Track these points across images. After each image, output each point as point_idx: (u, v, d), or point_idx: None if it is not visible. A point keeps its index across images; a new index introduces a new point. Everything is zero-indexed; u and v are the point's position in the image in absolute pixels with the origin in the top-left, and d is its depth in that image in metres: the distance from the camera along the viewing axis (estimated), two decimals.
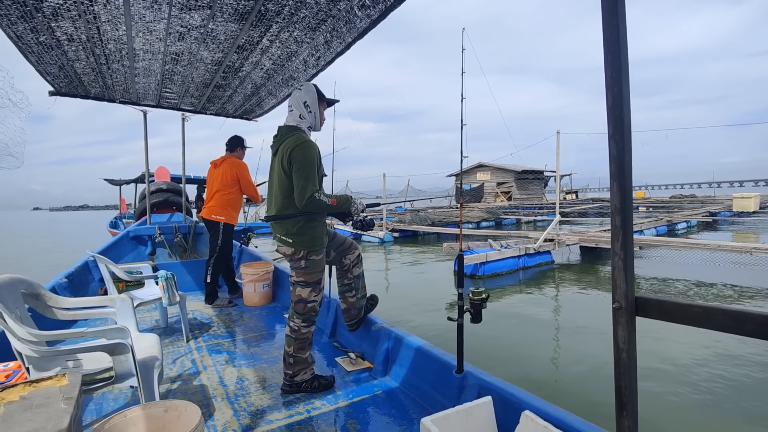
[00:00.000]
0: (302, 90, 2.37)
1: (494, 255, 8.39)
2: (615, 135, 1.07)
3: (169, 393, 2.27)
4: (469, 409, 1.51)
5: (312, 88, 2.39)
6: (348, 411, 2.10)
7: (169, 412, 1.35)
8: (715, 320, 0.96)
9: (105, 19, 2.37)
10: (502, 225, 19.49)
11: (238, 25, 2.46)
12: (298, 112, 2.34)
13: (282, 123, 2.40)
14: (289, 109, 2.37)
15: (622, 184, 1.07)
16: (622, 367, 1.11)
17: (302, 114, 2.34)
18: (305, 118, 2.35)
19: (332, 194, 2.26)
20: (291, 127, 2.32)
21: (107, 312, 2.04)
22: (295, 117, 2.34)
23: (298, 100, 2.34)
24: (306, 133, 2.34)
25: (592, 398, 3.40)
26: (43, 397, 1.23)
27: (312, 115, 2.38)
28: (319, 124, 2.45)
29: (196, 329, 3.37)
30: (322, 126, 2.47)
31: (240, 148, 4.41)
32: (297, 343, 2.29)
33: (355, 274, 2.70)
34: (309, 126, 2.37)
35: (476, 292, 1.88)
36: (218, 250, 4.13)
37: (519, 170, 34.82)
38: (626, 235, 1.08)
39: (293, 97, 2.36)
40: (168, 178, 9.44)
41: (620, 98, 1.07)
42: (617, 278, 1.10)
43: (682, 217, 16.08)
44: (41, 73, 3.21)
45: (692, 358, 4.11)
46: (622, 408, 1.12)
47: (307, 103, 2.35)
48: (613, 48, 1.07)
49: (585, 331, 5.13)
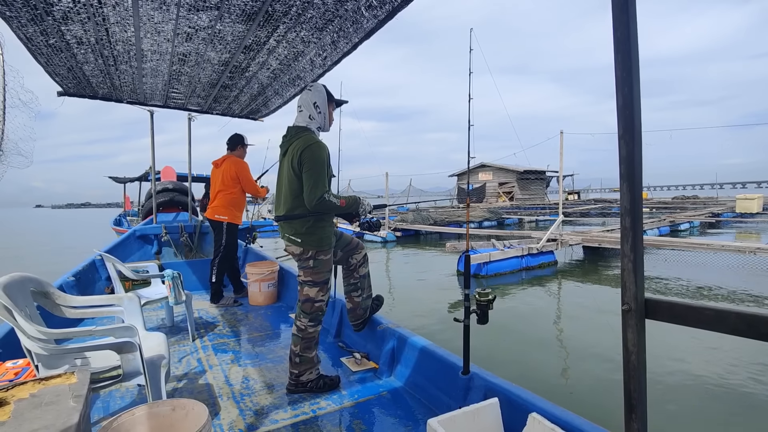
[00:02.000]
0: (312, 91, 2.38)
1: (497, 255, 8.38)
2: (625, 135, 1.07)
3: (175, 392, 2.28)
4: (475, 410, 1.51)
5: (321, 89, 2.40)
6: (353, 411, 2.10)
7: (177, 411, 1.36)
8: (729, 324, 0.95)
9: (114, 20, 2.38)
10: (505, 225, 19.47)
11: (246, 25, 2.46)
12: (307, 113, 2.34)
13: (291, 123, 2.41)
14: (298, 109, 2.38)
15: (632, 185, 1.07)
16: (632, 370, 1.10)
17: (312, 115, 2.35)
18: (315, 119, 2.36)
19: (341, 195, 2.27)
20: (300, 128, 2.33)
21: (115, 310, 2.05)
22: (304, 117, 2.34)
23: (308, 101, 2.35)
24: (315, 133, 2.35)
25: (599, 400, 3.39)
26: (52, 394, 1.24)
27: (321, 115, 2.39)
28: (328, 125, 2.46)
29: (201, 328, 3.39)
30: (330, 126, 2.48)
31: (241, 147, 4.36)
32: (304, 342, 2.30)
33: (361, 273, 2.70)
34: (318, 127, 2.38)
35: (483, 293, 1.88)
36: (222, 250, 4.13)
37: (521, 170, 34.74)
38: (636, 236, 1.08)
39: (303, 98, 2.37)
40: (174, 178, 9.47)
41: (631, 98, 1.06)
42: (627, 280, 1.10)
43: (685, 217, 16.02)
44: (50, 75, 3.23)
45: (704, 360, 4.10)
46: (631, 411, 1.12)
47: (317, 103, 2.36)
48: (624, 47, 1.06)
49: (590, 331, 5.12)
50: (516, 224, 19.88)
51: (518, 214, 22.18)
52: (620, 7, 1.03)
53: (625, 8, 1.03)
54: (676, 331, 4.48)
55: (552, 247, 9.45)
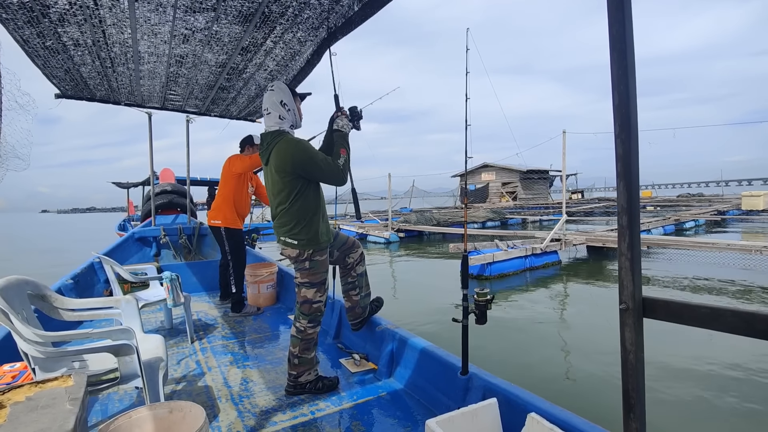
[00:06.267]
0: (275, 90, 2.30)
1: (501, 255, 8.36)
2: (621, 134, 1.06)
3: (174, 394, 2.28)
4: (474, 411, 1.50)
5: (284, 87, 2.34)
6: (352, 413, 2.09)
7: (174, 413, 1.35)
8: (724, 321, 0.94)
9: (110, 22, 2.38)
10: (508, 225, 19.42)
11: (242, 27, 2.46)
12: (276, 114, 2.28)
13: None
14: (265, 112, 2.30)
15: (628, 183, 1.06)
16: (630, 369, 1.09)
17: (281, 114, 2.28)
18: (285, 118, 2.30)
19: (335, 150, 2.23)
20: (275, 132, 2.27)
21: (112, 313, 2.05)
22: (274, 119, 2.28)
23: (274, 101, 2.28)
24: (290, 132, 2.32)
25: (605, 399, 3.37)
26: (48, 398, 1.24)
27: (291, 113, 2.33)
28: (299, 121, 2.41)
29: (200, 330, 3.38)
30: (302, 121, 2.44)
31: (249, 147, 4.07)
32: (302, 343, 2.29)
33: (359, 272, 2.70)
34: (291, 125, 2.34)
35: (481, 293, 1.87)
36: (231, 259, 3.88)
37: (524, 170, 34.66)
38: (633, 235, 1.06)
39: (267, 100, 2.29)
40: (173, 180, 9.49)
41: (627, 97, 1.05)
42: (624, 279, 1.08)
43: (690, 216, 15.92)
44: (47, 77, 3.24)
45: (703, 359, 4.07)
46: (629, 410, 1.11)
47: (284, 102, 2.29)
48: (620, 45, 1.05)
49: (594, 331, 5.09)
50: (519, 224, 19.83)
51: (521, 214, 22.12)
52: (615, 5, 1.02)
53: (621, 6, 1.02)
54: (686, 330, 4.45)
55: (556, 247, 9.42)
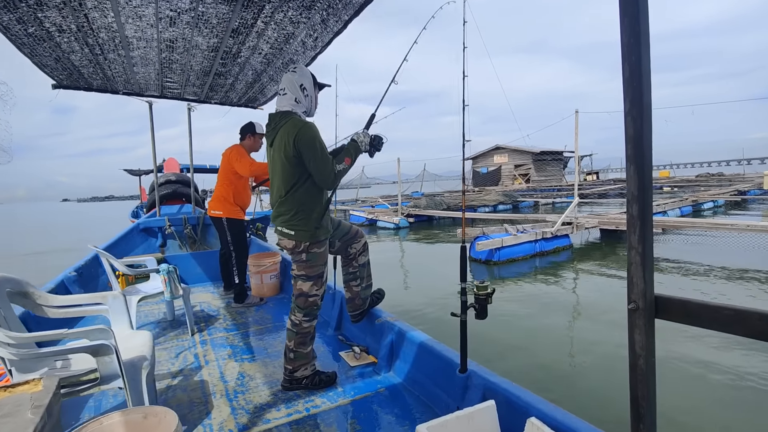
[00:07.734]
0: (297, 73, 2.22)
1: (510, 240, 8.19)
2: (632, 111, 0.91)
3: (168, 389, 2.23)
4: (470, 414, 1.40)
5: (307, 71, 2.26)
6: (349, 409, 2.01)
7: (149, 419, 1.28)
8: (750, 325, 0.81)
9: (91, 5, 2.27)
10: (520, 208, 19.12)
11: (229, 6, 2.33)
12: (292, 96, 2.19)
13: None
14: (281, 92, 2.22)
15: (640, 167, 0.91)
16: (639, 375, 0.97)
17: (298, 98, 2.20)
18: (301, 102, 2.21)
19: (341, 155, 2.16)
20: (285, 113, 2.18)
21: (100, 309, 1.98)
22: (289, 101, 2.19)
23: (294, 84, 2.20)
24: (301, 117, 2.21)
25: (611, 394, 3.24)
26: (13, 405, 1.17)
27: (308, 99, 2.25)
28: (314, 109, 2.33)
29: (201, 322, 3.34)
30: (315, 111, 2.35)
31: (250, 136, 3.87)
32: (298, 337, 2.22)
33: (361, 262, 2.60)
34: (304, 111, 2.24)
35: (481, 286, 1.75)
36: (233, 250, 3.82)
37: (537, 151, 33.94)
38: (645, 226, 0.92)
39: (287, 80, 2.21)
40: (177, 170, 9.47)
41: (638, 68, 0.89)
42: (634, 275, 0.95)
43: (709, 196, 15.43)
44: (39, 66, 3.16)
45: (720, 359, 3.91)
46: (638, 420, 0.99)
47: (304, 86, 2.21)
48: (631, 9, 0.89)
49: (605, 320, 4.95)
50: (531, 207, 19.51)
51: (534, 196, 21.74)
52: None
53: None
54: None
55: (567, 231, 9.20)
